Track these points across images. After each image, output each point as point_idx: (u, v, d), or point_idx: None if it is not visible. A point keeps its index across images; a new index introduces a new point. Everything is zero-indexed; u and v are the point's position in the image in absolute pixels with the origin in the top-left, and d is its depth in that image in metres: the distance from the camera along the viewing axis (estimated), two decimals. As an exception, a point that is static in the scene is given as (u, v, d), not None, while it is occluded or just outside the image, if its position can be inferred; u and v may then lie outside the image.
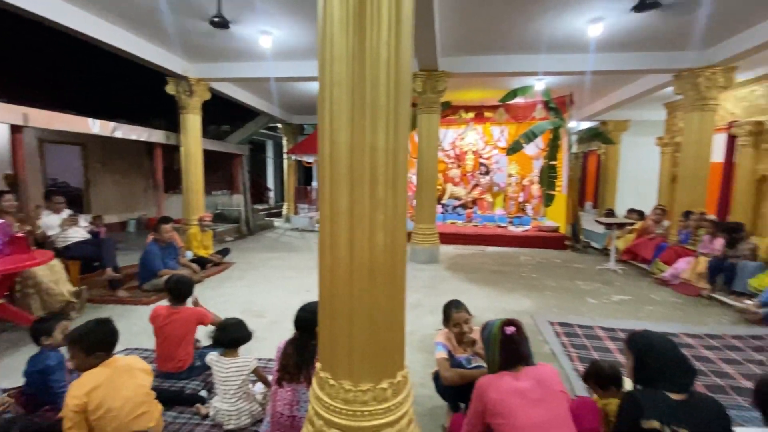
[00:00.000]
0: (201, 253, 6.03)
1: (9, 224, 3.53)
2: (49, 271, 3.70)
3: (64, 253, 4.31)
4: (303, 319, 2.19)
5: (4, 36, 6.58)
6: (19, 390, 2.21)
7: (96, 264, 4.65)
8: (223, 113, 10.88)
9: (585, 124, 11.04)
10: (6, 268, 3.11)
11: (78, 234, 4.63)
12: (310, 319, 2.00)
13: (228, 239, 8.49)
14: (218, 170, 10.67)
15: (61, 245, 4.42)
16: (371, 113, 1.44)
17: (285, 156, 12.60)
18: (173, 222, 5.21)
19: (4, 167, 5.83)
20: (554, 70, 6.00)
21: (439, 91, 6.18)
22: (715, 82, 5.59)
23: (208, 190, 9.71)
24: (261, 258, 6.77)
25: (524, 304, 4.49)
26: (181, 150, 7.10)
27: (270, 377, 2.31)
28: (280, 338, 2.26)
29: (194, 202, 7.09)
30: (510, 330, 1.68)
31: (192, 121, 7.00)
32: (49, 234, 4.47)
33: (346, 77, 1.43)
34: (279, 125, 12.36)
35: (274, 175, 16.69)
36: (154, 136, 7.31)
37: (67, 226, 4.58)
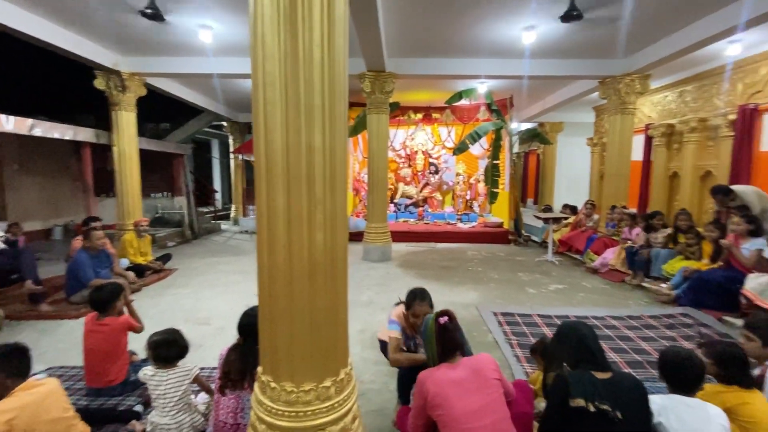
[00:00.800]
0: (138, 260, 5.63)
1: None
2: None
3: (-27, 267, 3.85)
4: (247, 324, 2.13)
5: None
6: None
7: (14, 277, 4.18)
8: (163, 110, 10.24)
9: (525, 126, 11.73)
10: None
11: (-11, 244, 4.15)
12: (255, 323, 1.95)
13: (170, 244, 8.00)
14: (158, 171, 10.00)
15: (-31, 258, 3.94)
16: (306, 113, 1.45)
17: (232, 156, 12.11)
18: (98, 222, 4.82)
19: None
20: (495, 73, 6.32)
21: (387, 92, 6.28)
22: (633, 88, 6.21)
23: (147, 193, 9.10)
24: (207, 263, 6.46)
25: (471, 296, 4.70)
26: (113, 149, 6.58)
27: (214, 386, 2.23)
28: (227, 345, 2.19)
29: (130, 205, 6.60)
30: (443, 320, 1.76)
31: (126, 119, 6.51)
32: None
33: (279, 77, 1.42)
34: (224, 123, 11.85)
35: (221, 176, 15.97)
36: (81, 134, 6.71)
37: (-25, 235, 4.09)
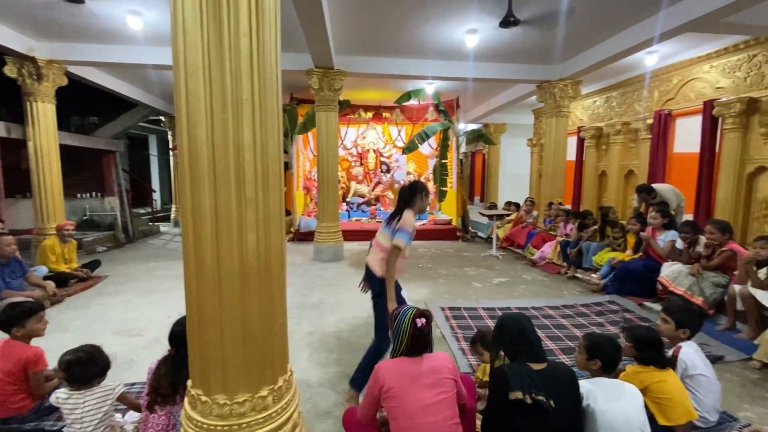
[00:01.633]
0: (61, 267, 5.08)
1: None
2: None
3: None
4: (179, 334, 1.98)
5: None
6: None
7: None
8: (91, 103, 9.33)
9: (471, 126, 12.16)
10: None
11: None
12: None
13: (100, 250, 7.32)
14: (85, 169, 9.09)
15: None
16: (234, 107, 1.37)
17: (171, 153, 11.34)
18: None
19: None
20: (441, 75, 6.47)
21: (336, 90, 6.20)
22: (567, 92, 6.66)
23: (72, 193, 8.25)
24: (142, 268, 5.99)
25: (421, 292, 4.78)
26: (29, 145, 5.88)
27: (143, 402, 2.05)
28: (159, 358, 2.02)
29: (50, 207, 5.94)
30: (420, 322, 1.74)
31: (43, 111, 5.84)
32: None
33: (203, 68, 1.32)
34: (162, 118, 11.06)
35: (160, 175, 14.91)
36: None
37: None
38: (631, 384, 1.94)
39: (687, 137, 5.92)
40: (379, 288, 2.54)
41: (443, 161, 8.16)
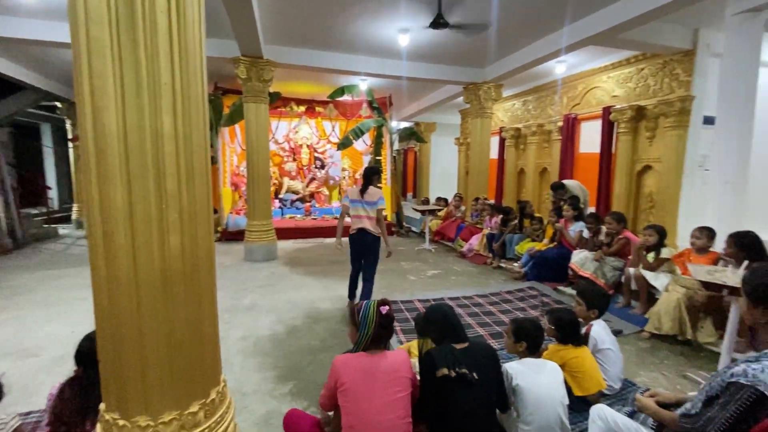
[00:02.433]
0: None
1: None
2: None
3: None
4: (88, 350, 1.73)
5: None
6: None
7: None
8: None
9: (403, 124, 12.47)
10: None
11: None
12: None
13: (-24, 258, 6.16)
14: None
15: None
16: (151, 91, 1.22)
17: (71, 144, 9.92)
18: None
19: None
20: (373, 72, 6.50)
21: (266, 81, 5.91)
22: (490, 95, 7.12)
23: (-66, 192, 6.81)
24: (37, 277, 5.17)
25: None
26: None
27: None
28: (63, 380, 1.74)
29: None
30: (385, 309, 1.75)
31: None
32: None
33: (111, 45, 1.15)
34: (58, 104, 9.61)
35: (57, 170, 12.98)
36: None
37: None
38: (552, 361, 2.15)
39: (590, 139, 6.69)
40: (374, 244, 3.78)
41: (378, 158, 8.25)
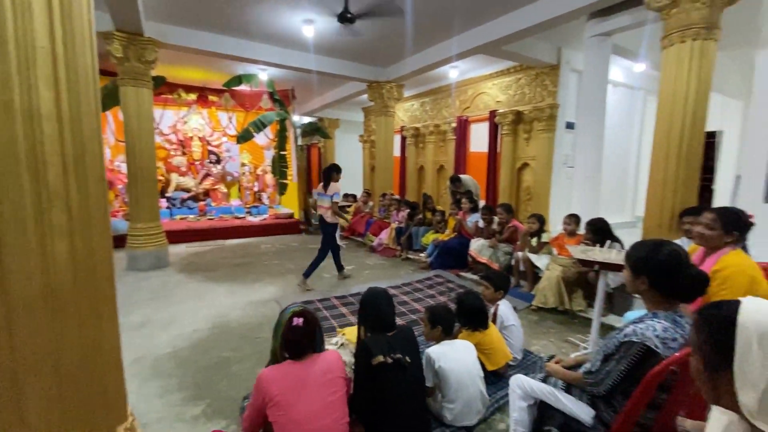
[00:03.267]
0: None
1: None
2: None
3: None
4: None
5: None
6: None
7: None
8: None
9: (307, 119, 12.17)
10: None
11: None
12: None
13: None
14: None
15: None
16: (22, 57, 0.96)
17: None
18: None
19: None
20: (274, 61, 6.15)
21: (148, 62, 5.13)
22: (393, 94, 7.39)
23: None
24: None
25: (270, 291, 4.52)
26: None
27: None
28: None
29: None
30: (296, 321, 1.64)
31: None
32: None
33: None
34: None
35: None
36: None
37: None
38: (467, 341, 2.35)
39: (479, 139, 7.44)
40: (326, 228, 4.76)
41: (282, 152, 7.89)
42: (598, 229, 3.68)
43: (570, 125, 5.95)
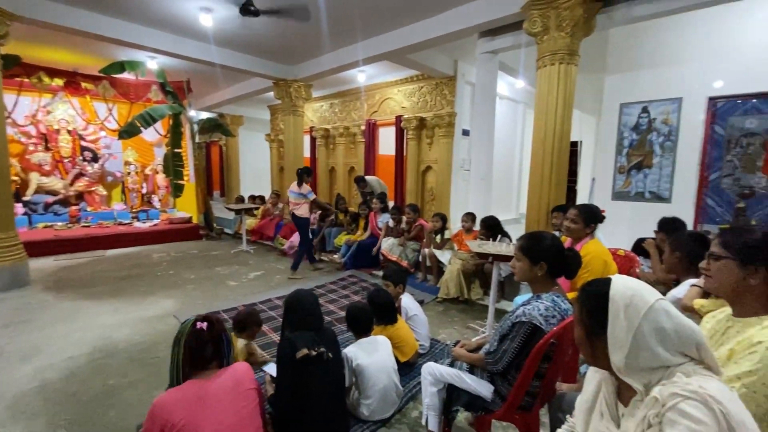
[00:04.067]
0: None
1: None
2: None
3: None
4: None
5: None
6: None
7: None
8: None
9: (205, 115, 11.18)
10: None
11: None
12: None
13: None
14: None
15: None
16: None
17: None
18: None
19: None
20: (165, 49, 5.51)
21: (-5, 37, 4.19)
22: (301, 93, 7.24)
23: None
24: None
25: (166, 305, 4.06)
26: None
27: None
28: None
29: None
30: (200, 325, 1.51)
31: None
32: None
33: None
34: None
35: None
36: None
37: None
38: (381, 336, 2.46)
39: (387, 142, 7.73)
40: (303, 223, 5.24)
41: (176, 150, 7.12)
42: (491, 226, 4.14)
43: (466, 132, 6.55)
